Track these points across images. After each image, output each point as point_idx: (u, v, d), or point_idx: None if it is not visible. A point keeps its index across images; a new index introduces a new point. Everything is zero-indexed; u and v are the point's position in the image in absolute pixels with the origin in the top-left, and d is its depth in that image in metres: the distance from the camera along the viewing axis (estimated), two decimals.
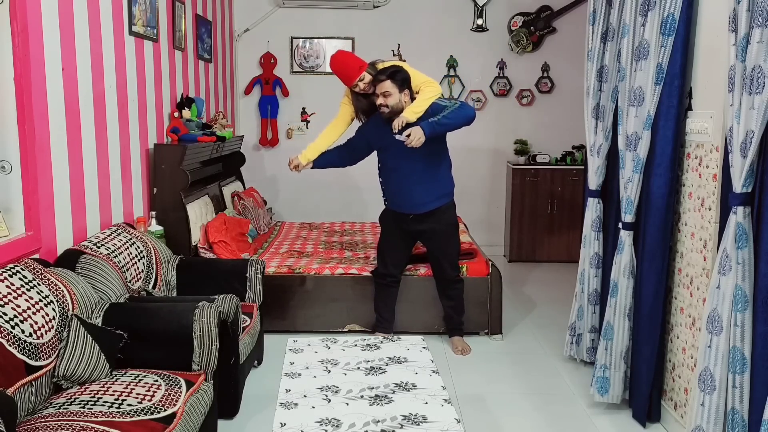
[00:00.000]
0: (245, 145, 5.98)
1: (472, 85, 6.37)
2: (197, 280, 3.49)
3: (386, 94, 3.54)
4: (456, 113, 3.46)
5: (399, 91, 3.55)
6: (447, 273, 3.91)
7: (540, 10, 6.22)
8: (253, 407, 3.17)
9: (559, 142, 6.31)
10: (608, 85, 3.38)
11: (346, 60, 3.68)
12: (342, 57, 3.71)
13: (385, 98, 3.55)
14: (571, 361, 3.78)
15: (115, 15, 3.47)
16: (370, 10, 6.13)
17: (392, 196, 3.79)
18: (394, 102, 3.54)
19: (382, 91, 3.55)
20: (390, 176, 3.75)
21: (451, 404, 2.18)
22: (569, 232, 6.09)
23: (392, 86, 3.53)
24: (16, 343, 2.18)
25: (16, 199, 2.63)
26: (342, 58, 3.70)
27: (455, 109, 3.48)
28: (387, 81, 3.54)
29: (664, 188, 2.90)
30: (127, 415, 2.16)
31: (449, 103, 3.53)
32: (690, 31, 2.80)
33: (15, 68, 2.55)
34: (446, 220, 3.81)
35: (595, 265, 3.54)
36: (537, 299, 5.03)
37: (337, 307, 4.16)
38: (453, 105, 3.51)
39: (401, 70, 3.59)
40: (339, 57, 3.70)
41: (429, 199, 3.71)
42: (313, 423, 2.03)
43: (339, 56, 3.71)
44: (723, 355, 2.33)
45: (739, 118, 2.21)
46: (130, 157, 3.69)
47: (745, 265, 2.27)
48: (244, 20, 6.20)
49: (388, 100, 3.54)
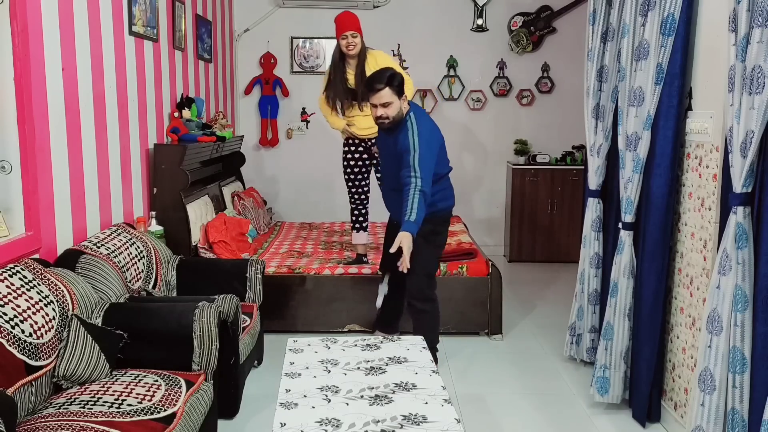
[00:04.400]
0: (245, 145, 5.98)
1: (472, 85, 6.37)
2: (197, 280, 3.49)
3: (386, 104, 3.20)
4: (419, 206, 3.11)
5: (398, 97, 3.23)
6: (411, 290, 3.47)
7: (540, 10, 6.22)
8: (253, 407, 3.16)
9: (559, 142, 6.31)
10: (608, 85, 3.38)
11: (352, 15, 4.03)
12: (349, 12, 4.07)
13: (385, 109, 3.21)
14: (571, 361, 3.78)
15: (115, 15, 3.47)
16: (370, 10, 6.13)
17: (383, 198, 3.74)
18: (394, 112, 3.22)
19: (381, 102, 3.19)
20: (381, 179, 3.76)
21: (451, 404, 2.18)
22: (569, 232, 6.09)
23: (391, 95, 3.19)
24: (16, 343, 2.18)
25: (16, 199, 2.63)
26: (349, 12, 4.06)
27: (416, 199, 3.11)
28: (386, 89, 3.18)
29: (664, 188, 2.90)
30: (127, 415, 2.16)
31: (411, 144, 3.18)
32: (690, 31, 2.80)
33: (15, 68, 2.55)
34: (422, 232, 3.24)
35: (595, 265, 3.54)
36: (537, 299, 5.03)
37: (337, 307, 4.16)
38: (412, 196, 3.11)
39: (395, 72, 3.28)
40: (346, 11, 4.09)
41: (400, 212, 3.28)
42: (313, 423, 2.03)
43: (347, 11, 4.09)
44: (723, 355, 2.33)
45: (739, 118, 2.21)
46: (130, 157, 3.69)
47: (745, 265, 2.27)
48: (244, 20, 6.20)
49: (389, 110, 3.21)
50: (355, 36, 3.92)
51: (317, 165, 6.33)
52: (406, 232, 3.08)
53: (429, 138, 3.25)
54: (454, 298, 4.09)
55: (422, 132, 3.23)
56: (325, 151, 6.11)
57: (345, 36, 3.92)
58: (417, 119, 3.29)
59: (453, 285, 4.11)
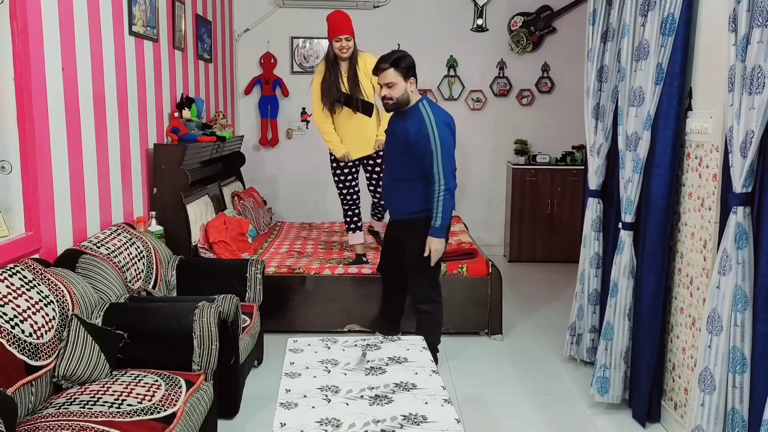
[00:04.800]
0: (245, 145, 5.98)
1: (472, 85, 6.37)
2: (197, 280, 3.49)
3: (390, 84, 3.20)
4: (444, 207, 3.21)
5: (404, 79, 3.20)
6: (413, 293, 3.51)
7: (540, 10, 6.22)
8: (253, 407, 3.16)
9: (559, 142, 6.31)
10: (608, 85, 3.38)
11: (346, 16, 3.97)
12: (342, 13, 3.99)
13: (389, 89, 3.21)
14: (571, 361, 3.78)
15: (115, 15, 3.47)
16: (370, 10, 6.13)
17: (383, 189, 3.69)
18: (399, 93, 3.21)
19: (385, 81, 3.19)
20: (384, 168, 3.67)
21: (451, 404, 2.18)
22: (569, 232, 6.09)
23: (396, 75, 3.18)
24: (16, 343, 2.18)
25: (16, 199, 2.63)
26: (342, 13, 3.99)
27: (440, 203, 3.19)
28: (390, 69, 3.17)
29: (664, 188, 2.90)
30: (127, 415, 2.16)
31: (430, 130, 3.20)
32: (690, 31, 2.80)
33: (15, 68, 2.55)
34: (417, 236, 3.33)
35: (595, 265, 3.54)
36: (537, 299, 5.03)
37: (337, 307, 4.16)
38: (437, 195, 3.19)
39: (406, 55, 3.28)
40: (339, 12, 4.00)
41: (401, 206, 3.42)
42: (313, 423, 2.03)
43: (340, 11, 4.01)
44: (723, 355, 2.33)
45: (739, 118, 2.21)
46: (130, 157, 3.69)
47: (745, 265, 2.27)
48: (244, 20, 6.20)
49: (393, 91, 3.21)
50: (348, 40, 3.94)
51: (317, 165, 6.31)
52: (433, 238, 3.24)
53: (446, 133, 3.26)
54: (454, 298, 4.09)
55: (439, 124, 3.23)
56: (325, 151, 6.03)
57: (339, 39, 3.93)
58: (431, 107, 3.28)
59: (453, 285, 4.11)
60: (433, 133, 3.20)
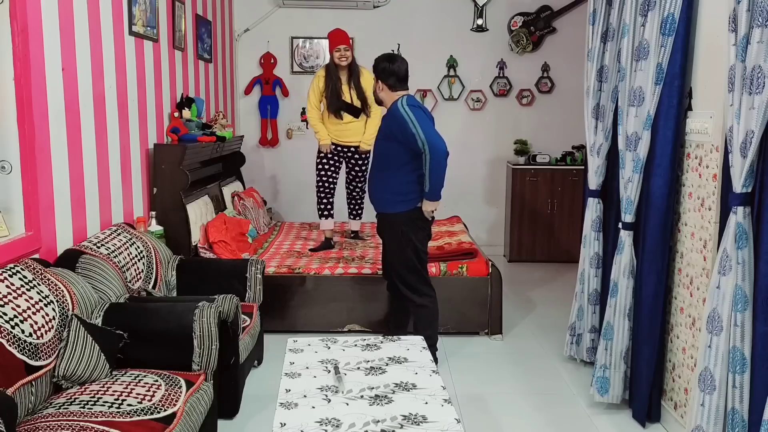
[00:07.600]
0: (245, 145, 5.98)
1: (472, 85, 6.37)
2: (197, 280, 3.49)
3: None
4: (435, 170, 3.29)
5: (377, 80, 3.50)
6: (403, 289, 3.56)
7: (540, 10, 6.22)
8: (253, 407, 3.16)
9: (559, 142, 6.31)
10: (608, 85, 3.38)
11: (344, 32, 4.66)
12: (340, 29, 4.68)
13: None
14: (571, 361, 3.78)
15: (115, 15, 3.47)
16: (370, 10, 6.13)
17: (368, 179, 3.77)
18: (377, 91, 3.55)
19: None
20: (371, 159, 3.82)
21: (451, 404, 2.18)
22: (569, 232, 6.09)
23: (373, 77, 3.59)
24: (16, 343, 2.18)
25: (16, 199, 2.63)
26: (341, 30, 4.68)
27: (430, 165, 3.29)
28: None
29: (664, 188, 2.90)
30: (127, 415, 2.16)
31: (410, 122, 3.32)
32: (690, 31, 2.80)
33: (15, 68, 2.55)
34: (395, 233, 3.48)
35: (595, 265, 3.54)
36: (537, 299, 5.03)
37: (337, 307, 4.16)
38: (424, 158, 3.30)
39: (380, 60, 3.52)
40: (338, 29, 4.69)
41: (380, 199, 3.53)
42: (313, 423, 2.03)
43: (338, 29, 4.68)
44: (723, 355, 2.33)
45: (739, 118, 2.21)
46: (130, 157, 3.69)
47: (745, 265, 2.27)
48: (244, 20, 6.20)
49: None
50: (347, 50, 4.57)
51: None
52: (426, 200, 3.42)
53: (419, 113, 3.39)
54: (454, 298, 4.09)
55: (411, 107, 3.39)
56: None
57: (339, 49, 4.55)
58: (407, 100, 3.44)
59: (453, 285, 4.12)
60: (407, 114, 3.36)
